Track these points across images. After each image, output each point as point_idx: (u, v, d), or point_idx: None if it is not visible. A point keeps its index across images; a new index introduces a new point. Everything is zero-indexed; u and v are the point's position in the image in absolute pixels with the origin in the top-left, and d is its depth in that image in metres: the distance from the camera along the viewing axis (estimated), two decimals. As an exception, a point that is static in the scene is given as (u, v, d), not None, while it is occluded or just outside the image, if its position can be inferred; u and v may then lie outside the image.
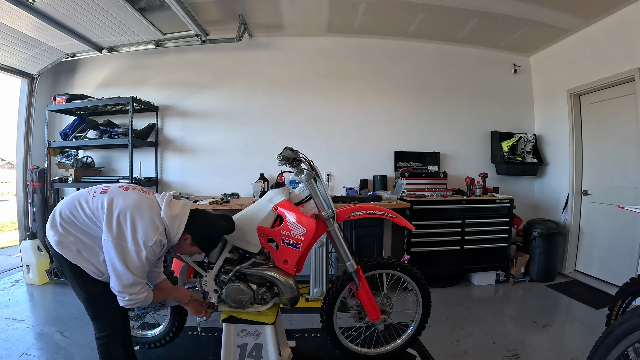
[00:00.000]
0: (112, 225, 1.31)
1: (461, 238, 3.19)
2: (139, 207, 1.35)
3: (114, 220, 1.31)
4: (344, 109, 3.79)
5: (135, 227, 1.32)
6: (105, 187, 1.43)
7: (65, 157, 3.54)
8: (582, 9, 3.02)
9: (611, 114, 3.23)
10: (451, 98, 3.93)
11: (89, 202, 1.37)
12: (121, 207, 1.33)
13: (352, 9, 3.25)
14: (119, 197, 1.37)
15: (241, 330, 1.69)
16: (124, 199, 1.37)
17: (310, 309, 2.70)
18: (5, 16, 2.56)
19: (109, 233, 1.30)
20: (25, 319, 2.49)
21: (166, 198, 1.47)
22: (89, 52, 3.40)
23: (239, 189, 3.60)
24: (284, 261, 1.68)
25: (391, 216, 1.84)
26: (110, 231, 1.30)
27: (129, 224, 1.31)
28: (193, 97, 3.76)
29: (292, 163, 1.64)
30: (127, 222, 1.31)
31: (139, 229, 1.32)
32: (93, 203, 1.36)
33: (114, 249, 1.29)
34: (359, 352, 1.92)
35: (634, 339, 1.10)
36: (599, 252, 3.35)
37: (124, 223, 1.31)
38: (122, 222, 1.31)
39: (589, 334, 2.25)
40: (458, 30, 3.60)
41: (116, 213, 1.32)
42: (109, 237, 1.30)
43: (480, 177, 3.51)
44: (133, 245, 1.31)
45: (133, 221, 1.32)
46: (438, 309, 2.61)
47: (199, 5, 3.04)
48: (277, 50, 3.78)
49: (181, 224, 1.41)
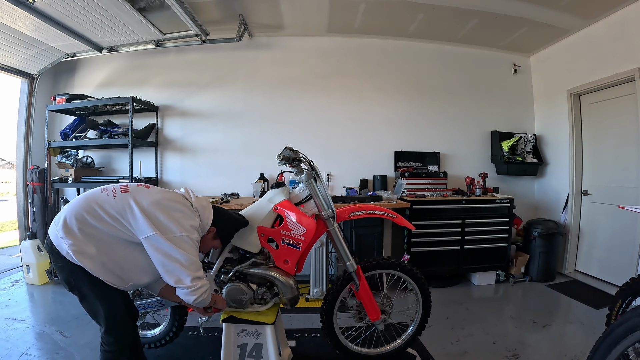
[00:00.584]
0: (152, 221, 1.26)
1: (461, 238, 3.19)
2: (170, 200, 1.36)
3: (151, 216, 1.27)
4: (344, 109, 3.79)
5: (175, 217, 1.31)
6: (123, 187, 1.36)
7: (65, 157, 3.54)
8: (582, 9, 3.02)
9: (611, 114, 3.23)
10: (451, 98, 3.93)
11: (110, 202, 1.29)
12: (155, 202, 1.31)
13: (352, 9, 3.25)
14: (146, 195, 1.34)
15: (241, 330, 1.69)
16: (151, 195, 1.35)
17: (310, 309, 2.70)
18: (5, 16, 2.56)
19: (152, 227, 1.25)
20: (25, 319, 2.49)
21: (191, 192, 1.51)
22: (89, 52, 3.40)
23: (239, 189, 3.60)
24: (284, 261, 1.68)
25: (391, 216, 1.84)
26: (152, 226, 1.25)
27: (166, 216, 1.30)
28: (193, 97, 3.76)
29: (292, 163, 1.64)
30: (164, 216, 1.29)
31: (180, 218, 1.32)
32: (117, 204, 1.28)
33: (165, 242, 1.25)
34: (359, 352, 1.92)
35: (634, 339, 1.10)
36: (599, 252, 3.35)
37: (164, 216, 1.29)
38: (159, 217, 1.28)
39: (589, 334, 2.25)
40: (458, 30, 3.60)
41: (151, 209, 1.29)
42: (154, 231, 1.24)
43: (480, 177, 3.51)
44: (183, 232, 1.29)
45: (169, 213, 1.31)
46: (438, 309, 2.61)
47: (199, 5, 3.04)
48: (277, 50, 3.78)
49: (210, 215, 1.45)
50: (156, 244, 1.25)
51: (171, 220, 1.29)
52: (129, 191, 1.34)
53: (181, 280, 1.27)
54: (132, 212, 1.27)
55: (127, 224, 1.27)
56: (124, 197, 1.30)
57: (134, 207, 1.27)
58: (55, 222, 1.30)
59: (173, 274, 1.27)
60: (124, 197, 1.30)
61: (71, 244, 1.22)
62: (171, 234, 1.27)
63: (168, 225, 1.28)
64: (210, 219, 1.45)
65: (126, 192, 1.33)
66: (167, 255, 1.25)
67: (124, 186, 1.37)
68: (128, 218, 1.27)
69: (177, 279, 1.27)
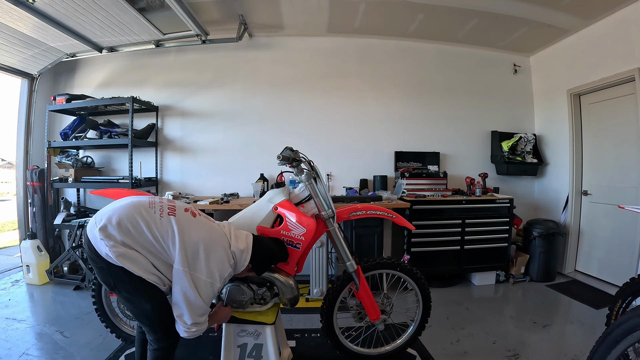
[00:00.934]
0: (186, 255, 1.28)
1: (461, 238, 3.19)
2: (212, 241, 1.35)
3: (189, 251, 1.29)
4: (344, 109, 3.79)
5: (209, 260, 1.32)
6: (171, 207, 1.36)
7: (65, 157, 3.54)
8: (582, 9, 3.02)
9: (611, 114, 3.23)
10: (451, 98, 3.93)
11: (157, 222, 1.29)
12: (195, 240, 1.31)
13: (352, 9, 3.25)
14: (191, 228, 1.33)
15: (241, 330, 1.69)
16: (196, 229, 1.35)
17: (310, 309, 2.70)
18: (5, 16, 2.56)
19: (183, 263, 1.27)
20: (25, 319, 2.49)
21: (233, 231, 1.48)
22: (89, 52, 3.40)
23: (239, 189, 3.60)
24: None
25: (391, 216, 1.84)
26: (184, 261, 1.27)
27: (203, 256, 1.31)
28: (193, 97, 3.76)
29: (292, 163, 1.64)
30: (201, 254, 1.31)
31: (213, 262, 1.33)
32: (162, 226, 1.29)
33: (189, 279, 1.27)
34: (359, 352, 1.92)
35: (634, 339, 1.10)
36: (599, 252, 3.35)
37: (198, 255, 1.30)
38: (196, 253, 1.30)
39: (589, 334, 2.25)
40: (458, 30, 3.60)
41: (191, 245, 1.30)
42: (185, 267, 1.27)
43: (480, 177, 3.51)
44: (208, 277, 1.31)
45: (208, 254, 1.32)
46: (438, 309, 2.62)
47: (199, 5, 3.04)
48: (277, 50, 3.78)
49: (247, 256, 1.44)
50: (179, 278, 1.28)
51: (203, 262, 1.31)
52: (176, 215, 1.34)
53: (182, 317, 1.31)
54: (173, 241, 1.28)
55: (166, 247, 1.29)
56: (169, 221, 1.31)
57: (177, 238, 1.28)
58: (95, 222, 1.27)
59: (179, 308, 1.30)
60: (169, 221, 1.31)
61: (112, 245, 1.22)
62: (199, 274, 1.30)
63: (200, 265, 1.31)
64: (247, 260, 1.45)
65: (172, 215, 1.33)
66: (183, 292, 1.28)
67: (171, 206, 1.37)
68: (168, 243, 1.28)
69: (180, 314, 1.31)
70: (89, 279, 2.95)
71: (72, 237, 3.18)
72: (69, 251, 3.08)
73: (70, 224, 3.27)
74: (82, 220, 3.20)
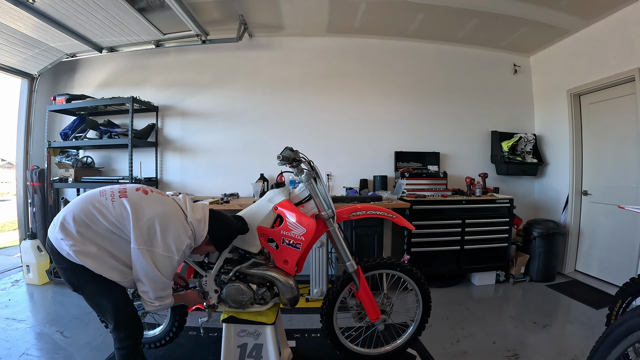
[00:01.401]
0: (141, 233, 1.29)
1: (461, 238, 3.19)
2: (167, 215, 1.35)
3: (144, 228, 1.30)
4: (344, 109, 3.79)
5: (166, 233, 1.32)
6: (122, 190, 1.37)
7: (65, 157, 3.54)
8: (582, 9, 3.02)
9: (611, 114, 3.23)
10: (451, 98, 3.93)
11: (109, 208, 1.30)
12: (149, 215, 1.31)
13: (352, 9, 3.25)
14: (144, 204, 1.34)
15: (241, 330, 1.69)
16: (149, 205, 1.35)
17: (310, 309, 2.70)
18: (5, 16, 2.56)
19: (138, 241, 1.28)
20: (25, 319, 2.49)
21: (188, 202, 1.49)
22: (89, 52, 3.40)
23: (239, 189, 3.60)
24: (284, 261, 1.68)
25: (391, 216, 1.84)
26: (140, 239, 1.28)
27: (159, 231, 1.31)
28: (193, 97, 3.76)
29: (292, 163, 1.64)
30: (157, 230, 1.31)
31: (170, 235, 1.33)
32: (115, 210, 1.30)
33: (146, 256, 1.28)
34: (359, 352, 1.92)
35: (634, 339, 1.10)
36: (599, 252, 3.35)
37: (154, 230, 1.31)
38: (152, 229, 1.31)
39: (589, 334, 2.25)
40: (458, 30, 3.60)
41: (145, 221, 1.30)
42: (140, 245, 1.28)
43: (480, 177, 3.51)
44: (165, 251, 1.31)
45: (163, 228, 1.32)
46: (438, 309, 2.61)
47: (199, 5, 3.04)
48: (277, 50, 3.78)
49: (205, 227, 1.44)
50: (137, 257, 1.30)
51: (160, 236, 1.32)
52: (127, 196, 1.34)
53: (146, 294, 1.34)
54: (128, 220, 1.30)
55: (125, 229, 1.30)
56: (121, 204, 1.32)
57: (131, 217, 1.29)
58: (54, 223, 1.32)
59: (142, 285, 1.33)
60: (121, 204, 1.32)
61: (71, 244, 1.25)
62: (155, 249, 1.31)
63: (156, 240, 1.31)
64: (205, 230, 1.45)
65: (124, 197, 1.34)
66: (143, 269, 1.31)
67: (122, 189, 1.38)
68: (126, 225, 1.30)
69: (143, 290, 1.34)
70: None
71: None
72: (69, 251, 3.08)
73: (70, 224, 3.27)
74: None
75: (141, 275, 1.31)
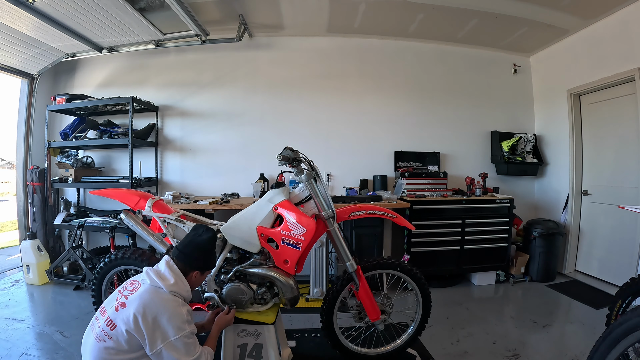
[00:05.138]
0: (147, 337, 1.24)
1: (461, 238, 3.18)
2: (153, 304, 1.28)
3: (148, 330, 1.25)
4: (344, 109, 3.79)
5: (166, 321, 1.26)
6: (109, 323, 1.28)
7: (65, 157, 3.54)
8: (582, 9, 3.02)
9: (611, 114, 3.22)
10: (451, 98, 3.93)
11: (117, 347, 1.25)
12: (142, 316, 1.24)
13: (352, 9, 3.25)
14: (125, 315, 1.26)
15: (241, 330, 1.69)
16: (133, 306, 1.27)
17: (310, 309, 2.70)
18: (5, 16, 2.56)
19: (151, 345, 1.24)
20: (25, 319, 2.49)
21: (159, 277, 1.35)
22: (89, 52, 3.40)
23: (239, 189, 3.60)
24: (284, 261, 1.68)
25: (391, 216, 1.84)
26: (151, 343, 1.24)
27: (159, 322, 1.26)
28: (193, 97, 3.76)
29: (292, 163, 1.64)
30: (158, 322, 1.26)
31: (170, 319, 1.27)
32: (119, 339, 1.25)
33: (166, 354, 1.25)
34: (359, 352, 1.92)
35: (634, 339, 1.10)
36: (599, 252, 3.35)
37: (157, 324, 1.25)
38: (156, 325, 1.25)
39: (589, 334, 2.25)
40: (458, 30, 3.60)
41: (146, 324, 1.24)
42: (153, 349, 1.24)
43: (480, 177, 3.51)
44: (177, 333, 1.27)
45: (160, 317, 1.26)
46: (438, 309, 2.61)
47: (199, 5, 3.04)
48: (277, 50, 3.78)
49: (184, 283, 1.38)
50: (160, 357, 1.27)
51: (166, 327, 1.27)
52: (117, 325, 1.26)
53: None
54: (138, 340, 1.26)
55: (137, 346, 1.27)
56: (121, 333, 1.25)
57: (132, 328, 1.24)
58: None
59: None
60: (121, 333, 1.25)
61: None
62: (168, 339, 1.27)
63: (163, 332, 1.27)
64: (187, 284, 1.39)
65: (115, 327, 1.26)
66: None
67: (109, 322, 1.28)
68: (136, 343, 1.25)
69: None
70: (89, 279, 2.95)
71: (72, 237, 3.18)
72: (69, 251, 3.08)
73: (70, 224, 3.27)
74: (82, 220, 3.20)
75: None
